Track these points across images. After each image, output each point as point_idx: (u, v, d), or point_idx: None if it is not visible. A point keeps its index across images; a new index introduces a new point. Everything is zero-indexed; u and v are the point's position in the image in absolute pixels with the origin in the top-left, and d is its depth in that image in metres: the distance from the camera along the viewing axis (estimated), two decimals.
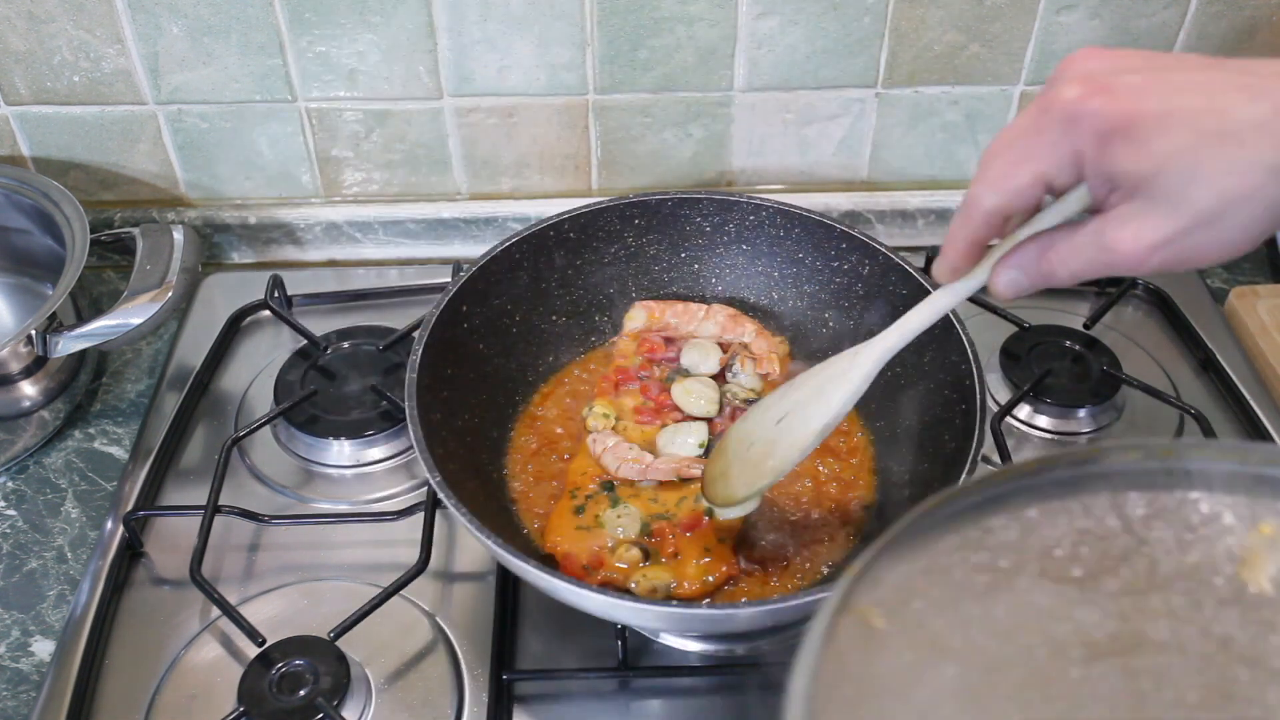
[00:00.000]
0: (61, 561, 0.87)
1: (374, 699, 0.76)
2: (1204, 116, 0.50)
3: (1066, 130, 0.52)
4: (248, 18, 1.00)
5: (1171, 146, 0.50)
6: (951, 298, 0.64)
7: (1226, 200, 0.50)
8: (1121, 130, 0.51)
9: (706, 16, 1.00)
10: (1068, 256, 0.56)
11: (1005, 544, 0.45)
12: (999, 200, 0.56)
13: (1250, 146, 0.49)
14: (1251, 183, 0.50)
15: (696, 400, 0.88)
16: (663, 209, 0.93)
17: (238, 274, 1.14)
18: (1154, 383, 0.95)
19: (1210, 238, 0.52)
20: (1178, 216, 0.51)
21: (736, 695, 0.77)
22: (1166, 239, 0.52)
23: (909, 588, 0.44)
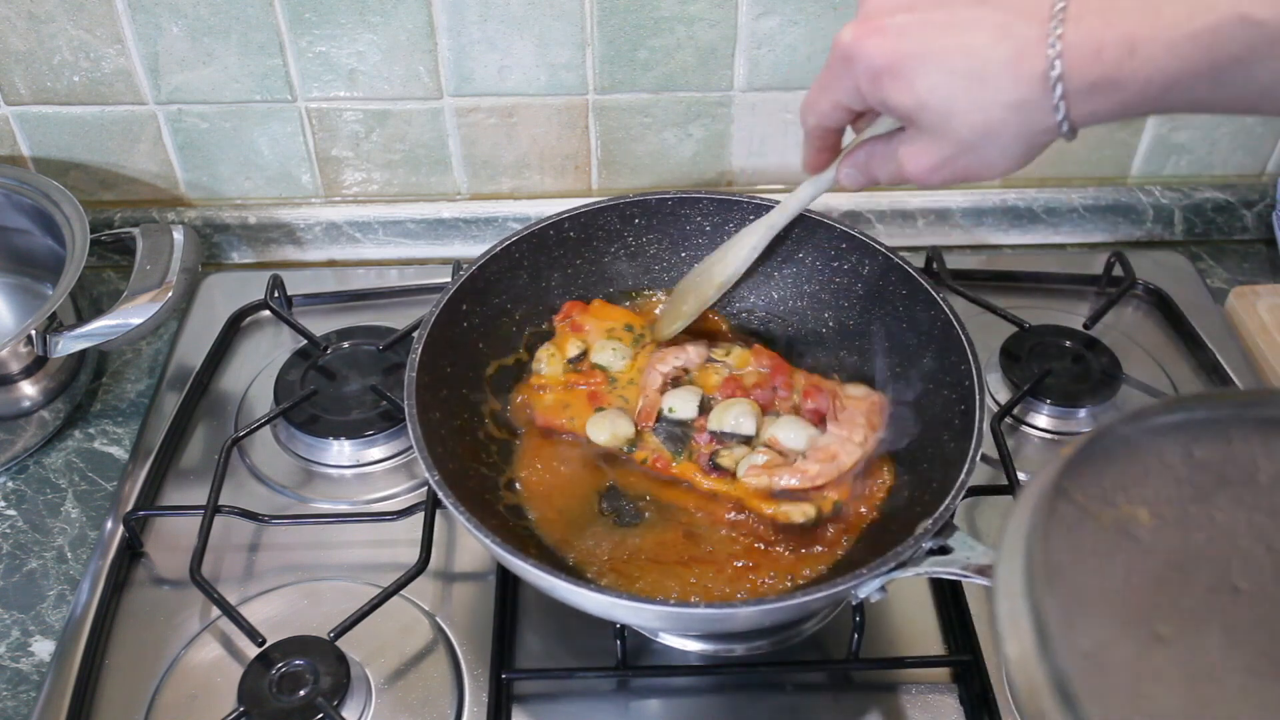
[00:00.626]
0: (61, 561, 0.87)
1: (374, 699, 0.76)
2: (955, 56, 0.56)
3: (846, 67, 0.61)
4: (248, 18, 1.00)
5: (929, 84, 0.57)
6: (815, 188, 0.78)
7: (978, 132, 0.58)
8: (887, 70, 0.59)
9: (706, 16, 1.00)
10: (881, 163, 0.68)
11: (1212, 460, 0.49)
12: (814, 120, 0.69)
13: (992, 85, 0.56)
14: (996, 117, 0.57)
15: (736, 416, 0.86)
16: (663, 209, 0.93)
17: (238, 274, 1.14)
18: (1154, 383, 0.95)
19: (976, 160, 0.60)
20: (944, 144, 0.60)
21: (736, 695, 0.77)
22: (939, 162, 0.61)
23: (1119, 479, 0.49)
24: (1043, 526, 0.46)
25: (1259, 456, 0.49)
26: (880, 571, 0.67)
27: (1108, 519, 0.48)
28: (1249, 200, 1.15)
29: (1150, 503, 0.48)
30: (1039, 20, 0.54)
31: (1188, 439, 0.50)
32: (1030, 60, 0.54)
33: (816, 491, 0.79)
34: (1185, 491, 0.48)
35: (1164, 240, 1.18)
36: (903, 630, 0.81)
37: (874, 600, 0.70)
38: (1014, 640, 0.43)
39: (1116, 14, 0.52)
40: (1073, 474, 0.48)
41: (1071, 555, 0.46)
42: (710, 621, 0.71)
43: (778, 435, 0.82)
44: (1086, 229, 1.17)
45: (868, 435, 0.81)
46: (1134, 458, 0.49)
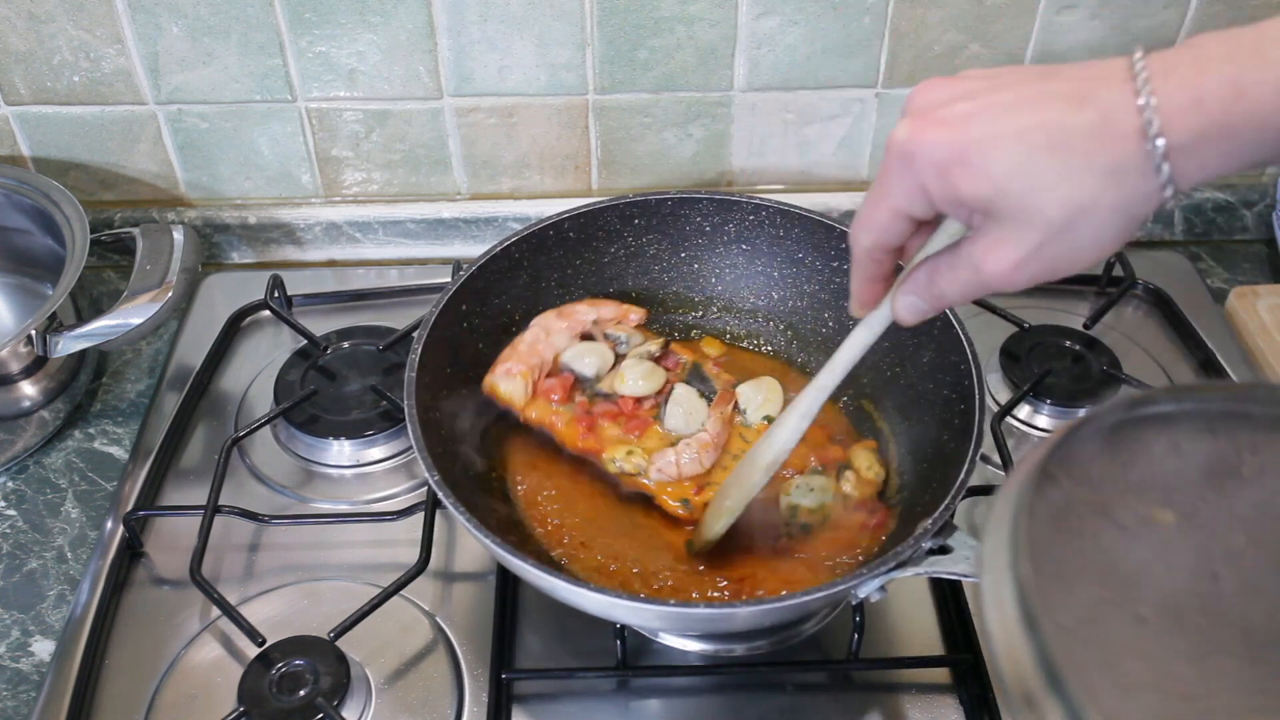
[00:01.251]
0: (61, 561, 0.87)
1: (374, 699, 0.76)
2: (1032, 132, 0.51)
3: (907, 167, 0.54)
4: (248, 18, 1.00)
5: (1005, 168, 0.51)
6: (869, 332, 0.67)
7: (1069, 209, 0.51)
8: (956, 160, 0.52)
9: (706, 16, 1.00)
10: (950, 280, 0.58)
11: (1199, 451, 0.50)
12: (870, 238, 0.59)
13: (1080, 153, 0.50)
14: (1088, 189, 0.50)
15: (635, 380, 0.87)
16: (662, 209, 0.93)
17: (238, 274, 1.14)
18: (1154, 383, 0.95)
19: (1067, 248, 0.52)
20: (1030, 233, 0.52)
21: (736, 695, 0.77)
22: (1026, 255, 0.53)
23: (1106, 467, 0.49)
24: (1028, 505, 0.46)
25: (1244, 449, 0.50)
26: (880, 571, 0.67)
27: (1093, 503, 0.48)
28: (1249, 200, 1.15)
29: (1135, 490, 0.49)
30: (1119, 81, 0.49)
31: (1175, 430, 0.50)
32: (1121, 120, 0.49)
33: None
34: (1170, 480, 0.49)
35: (1164, 240, 1.18)
36: (903, 630, 0.81)
37: (874, 600, 0.70)
38: (996, 611, 0.44)
39: (1212, 61, 0.48)
40: (1060, 458, 0.48)
41: (1056, 535, 0.47)
42: (710, 621, 0.71)
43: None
44: None
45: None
46: (1121, 445, 0.49)
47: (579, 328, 0.90)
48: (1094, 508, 0.48)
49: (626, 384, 0.86)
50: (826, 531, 0.81)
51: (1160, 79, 0.48)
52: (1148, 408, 0.50)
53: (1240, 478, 0.49)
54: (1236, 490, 0.49)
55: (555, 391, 0.86)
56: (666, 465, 0.82)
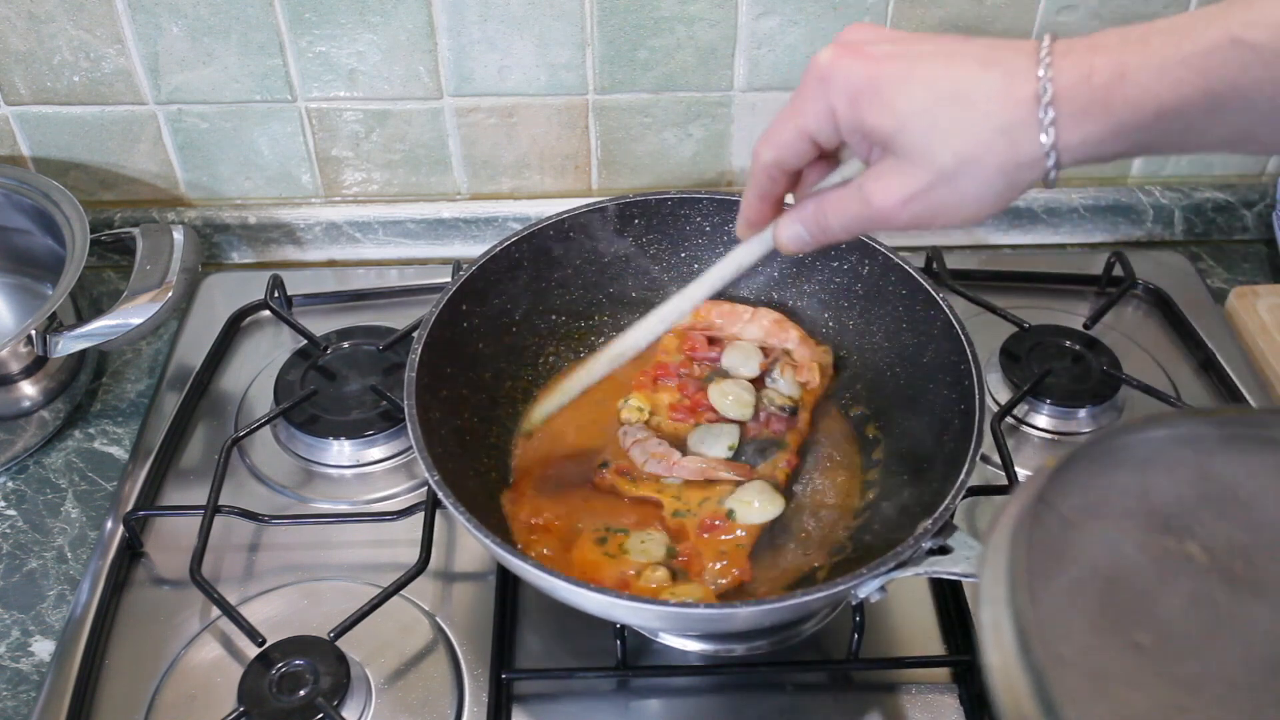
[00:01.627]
0: (61, 561, 0.87)
1: (374, 699, 0.76)
2: (941, 81, 0.55)
3: (821, 88, 0.58)
4: (248, 18, 1.00)
5: (911, 106, 0.55)
6: (750, 252, 0.69)
7: (960, 159, 0.55)
8: (868, 90, 0.56)
9: (706, 16, 1.00)
10: (837, 209, 0.61)
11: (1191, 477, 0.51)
12: (770, 154, 0.62)
13: (979, 109, 0.54)
14: (982, 141, 0.54)
15: (731, 403, 0.87)
16: (662, 209, 0.93)
17: (238, 274, 1.14)
18: (1154, 383, 0.95)
19: (952, 194, 0.56)
20: (921, 172, 0.56)
21: (736, 695, 0.77)
22: (913, 193, 0.57)
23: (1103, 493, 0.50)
24: (1026, 536, 0.46)
25: (1240, 474, 0.50)
26: (880, 571, 0.67)
27: (1091, 530, 0.48)
28: (1249, 200, 1.15)
29: (1132, 515, 0.49)
30: (1026, 53, 0.54)
31: (1171, 455, 0.50)
32: (1019, 85, 0.53)
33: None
34: (1167, 506, 0.49)
35: (1164, 240, 1.18)
36: (903, 630, 0.81)
37: (874, 600, 0.70)
38: (996, 645, 0.44)
39: (1104, 47, 0.53)
40: (1057, 485, 0.49)
41: (1054, 564, 0.47)
42: (710, 621, 0.71)
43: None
44: (1086, 229, 1.17)
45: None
46: (1118, 471, 0.50)
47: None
48: (1092, 536, 0.48)
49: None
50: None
51: (1059, 57, 0.53)
52: (1144, 433, 0.51)
53: (1237, 501, 0.49)
54: (1235, 514, 0.49)
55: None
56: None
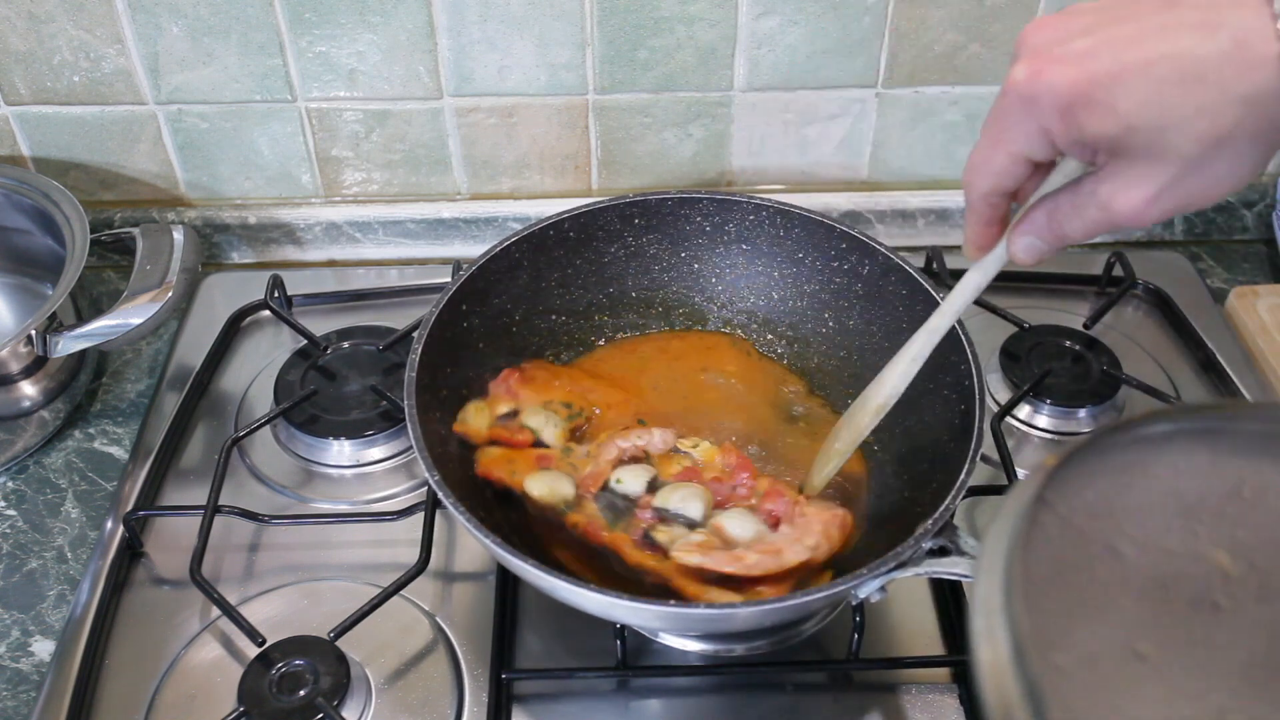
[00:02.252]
0: (61, 561, 0.87)
1: (374, 699, 0.76)
2: (1161, 64, 0.49)
3: (1027, 110, 0.53)
4: (248, 18, 1.00)
5: (1134, 102, 0.49)
6: (983, 274, 0.66)
7: (1206, 143, 0.49)
8: (1081, 99, 0.51)
9: (706, 16, 1.00)
10: (1072, 216, 0.56)
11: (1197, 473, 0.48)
12: (986, 184, 0.58)
13: (1214, 83, 0.48)
14: (1227, 119, 0.49)
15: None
16: (662, 209, 0.93)
17: (238, 274, 1.14)
18: (1154, 383, 0.95)
19: (1204, 179, 0.51)
20: (1164, 168, 0.51)
21: (736, 695, 0.77)
22: (1159, 191, 0.52)
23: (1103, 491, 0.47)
24: (1024, 539, 0.45)
25: (1244, 471, 0.48)
26: (880, 571, 0.67)
27: (1091, 531, 0.47)
28: (1249, 200, 1.15)
29: (1134, 516, 0.47)
30: (1253, 4, 0.47)
31: (1173, 452, 0.49)
32: (1257, 45, 0.47)
33: (751, 586, 0.72)
34: (1169, 505, 0.48)
35: (1164, 240, 1.18)
36: (903, 630, 0.81)
37: (874, 600, 0.70)
38: (989, 652, 0.42)
39: None
40: (1057, 485, 0.47)
41: (1052, 568, 0.46)
42: (710, 621, 0.71)
43: (724, 524, 0.75)
44: None
45: (820, 543, 0.74)
46: (1119, 469, 0.48)
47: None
48: (1091, 537, 0.47)
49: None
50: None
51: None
52: (1144, 428, 0.49)
53: (1241, 499, 0.48)
54: (1238, 514, 0.47)
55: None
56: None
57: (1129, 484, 0.48)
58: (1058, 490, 0.47)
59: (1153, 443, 0.49)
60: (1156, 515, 0.48)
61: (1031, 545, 0.45)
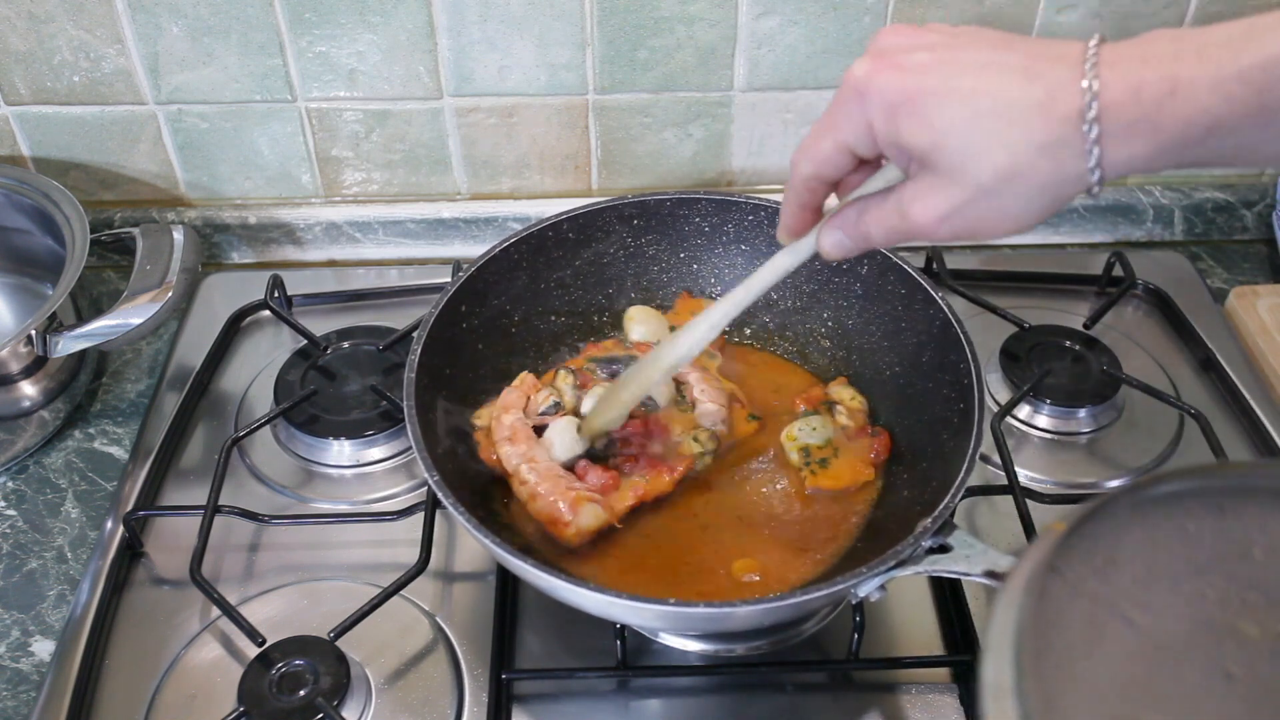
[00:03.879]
0: (61, 561, 0.87)
1: (374, 699, 0.76)
2: (980, 96, 0.53)
3: (858, 103, 0.57)
4: (248, 18, 1.00)
5: (949, 122, 0.53)
6: (792, 258, 0.69)
7: (1001, 176, 0.53)
8: (905, 105, 0.54)
9: (706, 16, 1.00)
10: (877, 220, 0.60)
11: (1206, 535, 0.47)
12: (809, 168, 0.62)
13: (1020, 126, 0.52)
14: (1023, 159, 0.52)
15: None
16: (661, 209, 0.93)
17: (238, 274, 1.14)
18: (1154, 383, 0.95)
19: (992, 210, 0.55)
20: (959, 190, 0.55)
21: (736, 695, 0.77)
22: (951, 210, 0.55)
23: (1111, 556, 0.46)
24: (1034, 613, 0.44)
25: (1253, 531, 0.47)
26: (880, 570, 0.67)
27: (1102, 599, 0.46)
28: (1249, 200, 1.15)
29: (1144, 581, 0.46)
30: (1070, 63, 0.51)
31: (1181, 514, 0.48)
32: (1064, 101, 0.51)
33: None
34: (1179, 567, 0.47)
35: (1164, 240, 1.18)
36: (903, 630, 0.81)
37: (874, 600, 0.70)
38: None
39: (1155, 58, 0.50)
40: (1065, 551, 0.46)
41: (1062, 637, 0.44)
42: (710, 621, 0.71)
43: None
44: (1086, 229, 1.17)
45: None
46: (1128, 533, 0.47)
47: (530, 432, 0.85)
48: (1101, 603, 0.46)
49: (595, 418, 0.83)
50: (842, 460, 0.84)
51: (1107, 68, 0.50)
52: (1153, 489, 0.48)
53: (1251, 560, 0.47)
54: (1248, 575, 0.46)
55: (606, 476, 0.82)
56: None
57: (1138, 548, 0.47)
58: (1066, 557, 0.46)
59: (1160, 505, 0.48)
60: (1166, 580, 0.46)
61: (1041, 616, 0.44)
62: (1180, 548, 0.47)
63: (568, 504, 0.78)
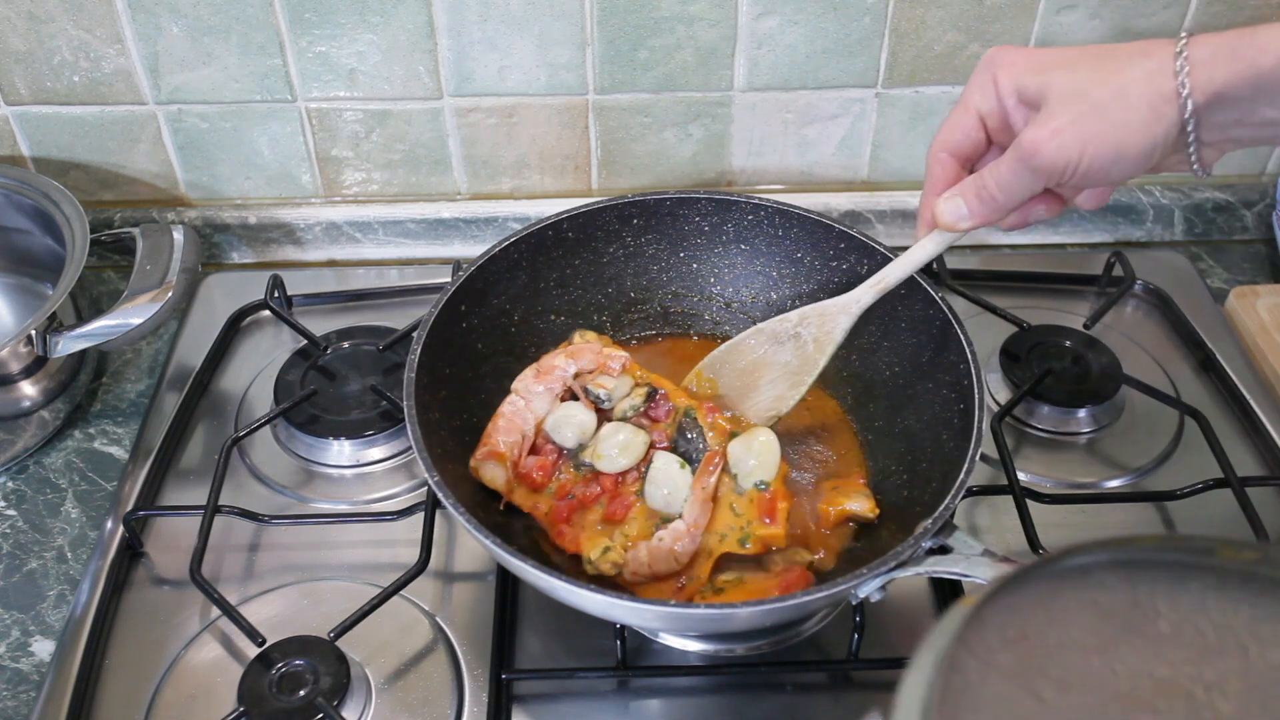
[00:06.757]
0: (61, 561, 0.87)
1: (374, 699, 0.76)
2: (1088, 50, 0.64)
3: (985, 69, 0.67)
4: (248, 18, 1.00)
5: (1066, 60, 0.64)
6: (923, 249, 0.75)
7: (1108, 89, 0.62)
8: (1024, 59, 0.66)
9: (706, 16, 1.00)
10: (993, 171, 0.66)
11: (1117, 608, 0.47)
12: (940, 137, 0.70)
13: (1123, 58, 0.63)
14: (1128, 77, 0.62)
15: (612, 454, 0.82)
16: (661, 209, 0.93)
17: (238, 274, 1.14)
18: (1154, 383, 0.95)
19: (1099, 125, 0.62)
20: (1071, 108, 0.62)
21: (736, 695, 0.77)
22: (1063, 124, 0.62)
23: (1023, 630, 0.46)
24: (942, 687, 0.43)
25: (1160, 603, 0.47)
26: (880, 571, 0.67)
27: (1012, 674, 0.45)
28: (1249, 200, 1.15)
29: (1054, 655, 0.46)
30: (1164, 43, 0.62)
31: (1092, 586, 0.47)
32: (1159, 48, 0.61)
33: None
34: (1089, 641, 0.46)
35: (1164, 240, 1.18)
36: (903, 630, 0.81)
37: (874, 600, 0.70)
38: None
39: (1235, 32, 0.60)
40: (976, 625, 0.46)
41: (972, 713, 0.44)
42: (710, 621, 0.71)
43: None
44: (1086, 229, 1.17)
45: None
46: (1039, 606, 0.47)
47: (558, 386, 0.85)
48: (1012, 680, 0.45)
49: (603, 459, 0.81)
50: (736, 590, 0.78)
51: (1194, 41, 0.61)
52: (1066, 561, 0.48)
53: (1158, 634, 0.46)
54: (1156, 650, 0.46)
55: (536, 471, 0.81)
56: (639, 566, 0.76)
57: (1049, 621, 0.47)
58: (977, 631, 0.46)
59: (1070, 578, 0.48)
60: (1076, 653, 0.46)
61: (949, 693, 0.43)
62: (1090, 621, 0.47)
63: (489, 449, 0.81)
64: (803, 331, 0.83)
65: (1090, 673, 0.45)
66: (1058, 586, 0.47)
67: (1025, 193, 0.67)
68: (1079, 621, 0.46)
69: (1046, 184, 0.66)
